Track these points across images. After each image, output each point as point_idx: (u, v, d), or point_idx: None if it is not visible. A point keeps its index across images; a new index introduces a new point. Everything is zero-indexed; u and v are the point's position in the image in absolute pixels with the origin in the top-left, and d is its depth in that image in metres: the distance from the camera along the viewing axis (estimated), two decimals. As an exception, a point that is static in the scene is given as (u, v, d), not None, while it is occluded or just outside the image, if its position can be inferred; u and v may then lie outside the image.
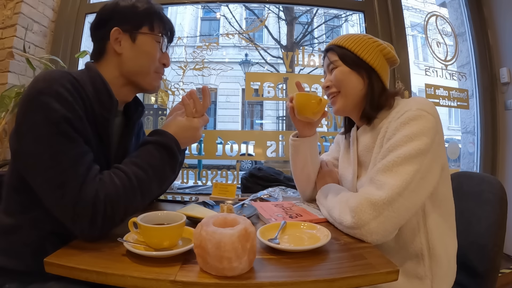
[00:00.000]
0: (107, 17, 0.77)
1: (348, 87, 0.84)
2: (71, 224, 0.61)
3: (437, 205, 0.76)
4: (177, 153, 0.74)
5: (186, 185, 1.89)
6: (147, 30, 0.79)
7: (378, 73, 0.83)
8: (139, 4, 0.78)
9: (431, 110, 0.72)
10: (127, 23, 0.77)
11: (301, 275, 0.52)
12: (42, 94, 0.62)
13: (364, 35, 0.87)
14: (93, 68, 0.75)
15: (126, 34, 0.77)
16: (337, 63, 0.85)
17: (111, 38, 0.76)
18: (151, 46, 0.79)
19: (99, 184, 0.62)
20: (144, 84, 0.81)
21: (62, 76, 0.65)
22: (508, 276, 1.71)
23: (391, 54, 0.85)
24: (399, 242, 0.76)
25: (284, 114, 6.92)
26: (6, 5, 1.72)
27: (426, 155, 0.68)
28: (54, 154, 0.60)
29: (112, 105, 0.74)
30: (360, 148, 0.86)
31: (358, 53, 0.83)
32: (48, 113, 0.61)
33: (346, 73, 0.84)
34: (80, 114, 0.65)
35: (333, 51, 0.87)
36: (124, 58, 0.77)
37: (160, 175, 0.71)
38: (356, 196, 0.71)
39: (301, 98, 0.87)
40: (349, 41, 0.85)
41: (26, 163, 0.64)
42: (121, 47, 0.77)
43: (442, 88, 2.04)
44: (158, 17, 0.80)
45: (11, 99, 1.47)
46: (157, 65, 0.82)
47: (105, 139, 0.74)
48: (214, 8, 5.31)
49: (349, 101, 0.85)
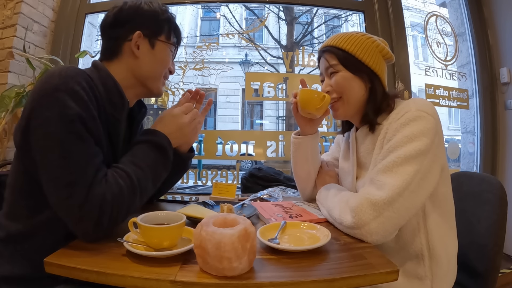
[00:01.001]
0: (128, 18, 0.77)
1: (351, 93, 0.82)
2: (75, 224, 0.60)
3: (437, 205, 0.76)
4: (168, 151, 0.75)
5: (186, 185, 1.90)
6: (164, 38, 0.81)
7: (379, 77, 0.83)
8: (160, 12, 0.80)
9: (430, 111, 0.72)
10: (148, 28, 0.78)
11: (301, 275, 0.52)
12: (58, 91, 0.61)
13: (361, 35, 0.84)
14: (103, 68, 0.75)
15: (146, 39, 0.78)
16: (338, 68, 0.83)
17: (132, 40, 0.76)
18: (166, 54, 0.82)
19: (106, 186, 0.61)
20: (153, 88, 0.82)
21: (78, 74, 0.65)
22: (508, 276, 1.71)
23: (388, 53, 0.85)
24: (399, 243, 0.76)
25: (284, 114, 6.92)
26: (6, 5, 1.72)
27: (426, 155, 0.68)
28: (65, 153, 0.60)
29: (124, 105, 0.75)
30: (360, 149, 0.86)
31: (359, 57, 0.81)
32: (63, 111, 0.60)
33: (348, 79, 0.82)
34: (94, 114, 0.65)
35: (331, 53, 0.84)
36: (141, 62, 0.78)
37: (155, 174, 0.72)
38: (357, 196, 0.71)
39: (305, 94, 0.87)
40: (348, 42, 0.82)
41: (34, 159, 0.63)
42: (140, 51, 0.77)
43: (442, 88, 2.04)
44: (174, 27, 0.83)
45: (11, 99, 1.46)
46: (165, 71, 0.84)
47: (114, 139, 0.74)
48: (214, 8, 5.31)
49: (351, 107, 0.84)
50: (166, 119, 0.79)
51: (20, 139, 0.65)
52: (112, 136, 0.73)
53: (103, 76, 0.73)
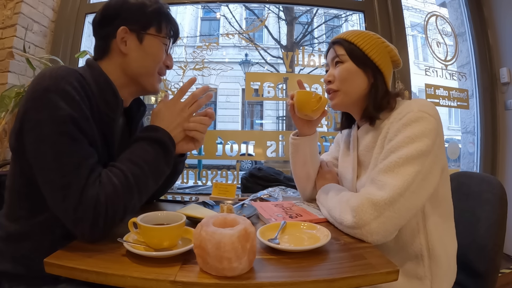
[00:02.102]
0: (114, 14, 0.74)
1: (351, 86, 0.83)
2: (72, 226, 0.60)
3: (436, 206, 0.76)
4: (169, 146, 0.73)
5: (186, 185, 1.90)
6: (154, 31, 0.76)
7: (383, 74, 0.83)
8: (148, 3, 0.75)
9: (432, 112, 0.72)
10: (135, 23, 0.74)
11: (301, 275, 0.52)
12: (49, 92, 0.60)
13: (373, 34, 0.86)
14: (96, 66, 0.74)
15: (133, 34, 0.74)
16: (344, 58, 0.84)
17: (117, 37, 0.73)
18: (157, 48, 0.77)
19: (99, 187, 0.60)
20: (147, 85, 0.79)
21: (69, 74, 0.64)
22: (508, 276, 1.71)
23: (397, 57, 0.86)
24: (399, 243, 0.76)
25: (284, 114, 6.92)
26: (6, 5, 1.72)
27: (428, 156, 0.69)
28: (58, 155, 0.59)
29: (118, 104, 0.73)
30: (361, 147, 0.86)
31: (366, 52, 0.82)
32: (54, 112, 0.59)
33: (352, 72, 0.83)
34: (87, 113, 0.64)
35: (341, 45, 0.85)
36: (129, 59, 0.75)
37: (155, 171, 0.70)
38: (357, 196, 0.71)
39: (302, 96, 0.88)
40: (359, 38, 0.83)
41: (28, 162, 0.63)
42: (127, 47, 0.74)
43: (442, 88, 2.04)
44: (166, 18, 0.78)
45: (11, 99, 1.47)
46: (161, 66, 0.80)
47: (109, 139, 0.73)
48: (214, 8, 5.31)
49: (348, 98, 0.85)
50: (161, 111, 0.76)
51: (15, 142, 0.65)
52: (107, 136, 0.72)
53: (96, 75, 0.72)
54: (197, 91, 0.80)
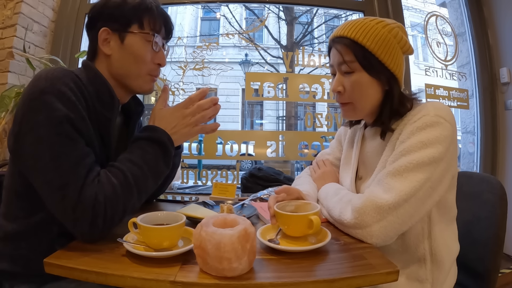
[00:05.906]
0: (97, 16, 0.74)
1: (365, 98, 0.76)
2: (71, 226, 0.60)
3: (444, 213, 0.75)
4: (168, 146, 0.72)
5: (186, 185, 1.90)
6: (137, 28, 0.74)
7: (397, 79, 0.75)
8: (129, 1, 0.73)
9: (448, 117, 0.69)
10: (115, 22, 0.72)
11: (301, 275, 0.52)
12: (45, 94, 0.61)
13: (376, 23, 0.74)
14: (92, 67, 0.74)
15: (116, 34, 0.73)
16: (354, 66, 0.74)
17: (99, 38, 0.73)
18: (140, 46, 0.74)
19: (98, 186, 0.61)
20: (134, 87, 0.78)
21: (65, 75, 0.64)
22: (508, 276, 1.71)
23: (407, 44, 0.75)
24: (403, 246, 0.75)
25: (284, 114, 6.92)
26: (6, 5, 1.72)
27: (439, 164, 0.66)
28: (55, 155, 0.60)
29: (114, 104, 0.73)
30: (367, 149, 0.84)
31: (379, 57, 0.72)
32: (51, 113, 0.60)
33: (365, 84, 0.74)
34: (83, 114, 0.64)
35: (347, 46, 0.74)
36: (113, 60, 0.74)
37: (155, 171, 0.70)
38: (361, 197, 0.69)
39: (287, 222, 0.65)
40: (365, 35, 0.72)
41: (26, 164, 0.63)
42: (110, 48, 0.73)
43: (442, 88, 2.04)
44: (148, 13, 0.74)
45: (11, 99, 1.47)
46: (151, 66, 0.77)
47: (106, 139, 0.73)
48: (214, 8, 5.31)
49: (361, 111, 0.79)
50: (162, 112, 0.76)
51: (13, 144, 0.65)
52: (104, 136, 0.72)
53: (92, 75, 0.72)
54: (194, 94, 0.78)
